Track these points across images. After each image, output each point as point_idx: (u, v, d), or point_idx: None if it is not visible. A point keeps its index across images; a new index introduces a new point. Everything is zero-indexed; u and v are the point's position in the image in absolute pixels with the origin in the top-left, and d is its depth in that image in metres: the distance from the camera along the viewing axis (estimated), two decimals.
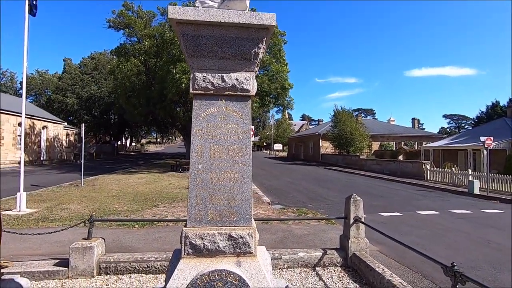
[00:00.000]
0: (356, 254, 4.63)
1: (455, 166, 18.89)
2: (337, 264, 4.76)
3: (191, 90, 2.31)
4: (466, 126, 78.49)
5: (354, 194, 4.92)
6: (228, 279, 2.11)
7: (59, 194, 11.23)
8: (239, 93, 2.34)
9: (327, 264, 4.74)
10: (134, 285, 4.06)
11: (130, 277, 4.28)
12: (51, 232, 5.07)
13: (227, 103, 2.37)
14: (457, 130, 77.41)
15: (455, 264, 2.77)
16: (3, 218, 7.44)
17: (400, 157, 29.04)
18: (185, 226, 2.32)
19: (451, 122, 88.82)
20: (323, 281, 4.23)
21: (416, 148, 33.61)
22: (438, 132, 55.63)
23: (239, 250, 2.29)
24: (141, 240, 5.85)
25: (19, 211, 8.06)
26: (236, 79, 2.32)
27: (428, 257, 3.30)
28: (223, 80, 2.31)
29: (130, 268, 4.37)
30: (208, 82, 2.30)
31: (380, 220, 7.75)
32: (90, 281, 4.12)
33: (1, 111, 22.78)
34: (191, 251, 2.25)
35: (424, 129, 59.17)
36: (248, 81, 2.34)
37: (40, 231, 5.38)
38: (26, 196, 8.42)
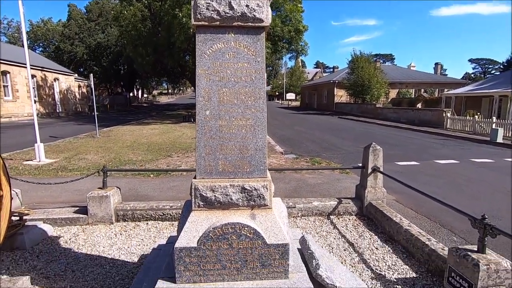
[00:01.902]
0: (373, 203, 4.53)
1: (478, 114, 17.93)
2: (352, 213, 4.71)
3: (193, 22, 1.94)
4: (493, 72, 73.23)
5: (373, 143, 4.64)
6: (243, 232, 1.99)
7: (76, 145, 11.48)
8: (250, 23, 1.95)
9: (342, 213, 4.70)
10: (152, 231, 4.16)
11: (147, 224, 4.39)
12: (70, 181, 5.18)
13: (237, 36, 1.99)
14: (482, 75, 72.48)
15: (486, 216, 2.57)
16: (24, 168, 7.70)
17: (419, 105, 27.83)
18: (195, 177, 2.14)
19: (477, 67, 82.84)
20: (338, 229, 4.21)
21: (436, 96, 31.97)
22: (461, 78, 52.22)
23: (253, 203, 2.13)
24: (156, 189, 5.95)
25: (39, 161, 8.30)
26: (247, 6, 1.91)
27: (451, 207, 3.11)
28: (231, 7, 1.90)
29: (146, 216, 4.46)
30: (212, 10, 1.91)
31: (396, 170, 7.56)
32: (110, 227, 4.25)
33: (8, 62, 22.51)
34: (202, 203, 2.11)
35: (446, 75, 55.49)
36: (261, 7, 1.92)
37: (60, 180, 5.50)
38: (43, 147, 8.59)
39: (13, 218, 3.73)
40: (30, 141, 10.18)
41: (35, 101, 19.46)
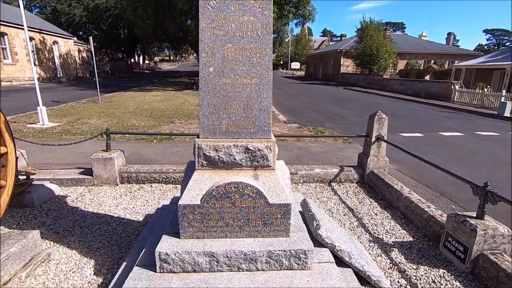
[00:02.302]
0: (374, 171, 4.55)
1: (488, 86, 17.45)
2: (353, 181, 4.75)
3: None
4: (508, 44, 70.17)
5: (379, 111, 4.56)
6: (245, 191, 2.01)
7: (79, 109, 11.44)
8: None
9: (343, 181, 4.74)
10: (156, 193, 4.25)
11: (151, 186, 4.47)
12: (75, 143, 5.22)
13: None
14: (496, 47, 69.59)
15: (488, 184, 2.57)
16: (28, 130, 7.74)
17: (427, 77, 27.07)
18: (198, 137, 2.12)
19: (492, 38, 79.24)
20: (338, 195, 4.28)
21: (446, 68, 30.95)
22: (474, 50, 50.23)
23: (256, 164, 2.13)
24: (160, 154, 6.00)
25: (43, 124, 8.32)
26: None
27: (452, 174, 3.11)
28: None
29: (150, 178, 4.53)
30: None
31: (399, 140, 7.52)
32: (115, 189, 4.34)
33: (5, 23, 21.75)
34: (205, 163, 2.11)
35: (459, 46, 53.26)
36: None
37: (64, 143, 5.54)
38: (46, 110, 8.56)
39: (20, 177, 3.81)
40: (33, 104, 10.12)
41: (35, 64, 19.09)
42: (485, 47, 73.53)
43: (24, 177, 3.91)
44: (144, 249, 2.23)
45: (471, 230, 2.53)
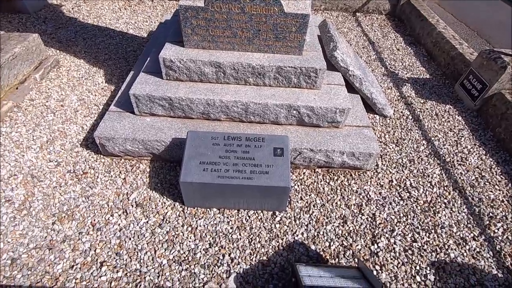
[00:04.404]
0: (411, 1, 3.86)
1: None
2: (383, 12, 4.12)
3: None
4: None
5: None
6: None
7: None
8: None
9: (371, 11, 4.11)
10: (158, 8, 3.82)
11: (153, 1, 3.96)
12: None
13: None
14: None
15: None
16: None
17: None
18: None
19: None
20: (362, 27, 3.81)
21: None
22: None
23: None
24: None
25: None
26: None
27: None
28: None
29: None
30: None
31: None
32: (112, 1, 3.88)
33: None
34: None
35: None
36: None
37: None
38: None
39: None
40: None
41: None
42: None
43: None
44: (149, 57, 2.15)
45: (500, 68, 2.32)
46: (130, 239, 1.56)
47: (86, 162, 1.92)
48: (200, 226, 1.63)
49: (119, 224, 1.61)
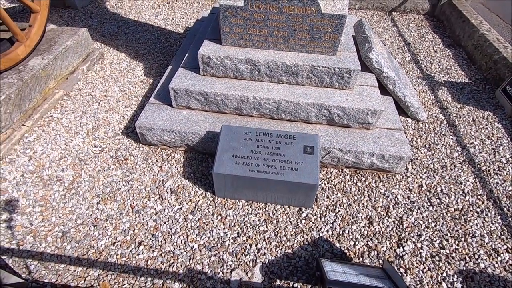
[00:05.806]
0: (453, 1, 3.69)
1: None
2: (421, 12, 3.98)
3: None
4: None
5: None
6: None
7: None
8: None
9: (408, 10, 3.99)
10: (194, 5, 3.95)
11: None
12: None
13: None
14: None
15: None
16: None
17: None
18: None
19: None
20: (397, 27, 3.71)
21: None
22: None
23: None
24: None
25: None
26: None
27: None
28: None
29: None
30: None
31: None
32: None
33: None
34: None
35: None
36: None
37: None
38: None
39: None
40: None
41: None
42: None
43: None
44: (187, 53, 2.26)
45: None
46: (165, 222, 1.67)
47: (126, 149, 2.07)
48: (229, 216, 1.72)
49: (155, 208, 1.74)
